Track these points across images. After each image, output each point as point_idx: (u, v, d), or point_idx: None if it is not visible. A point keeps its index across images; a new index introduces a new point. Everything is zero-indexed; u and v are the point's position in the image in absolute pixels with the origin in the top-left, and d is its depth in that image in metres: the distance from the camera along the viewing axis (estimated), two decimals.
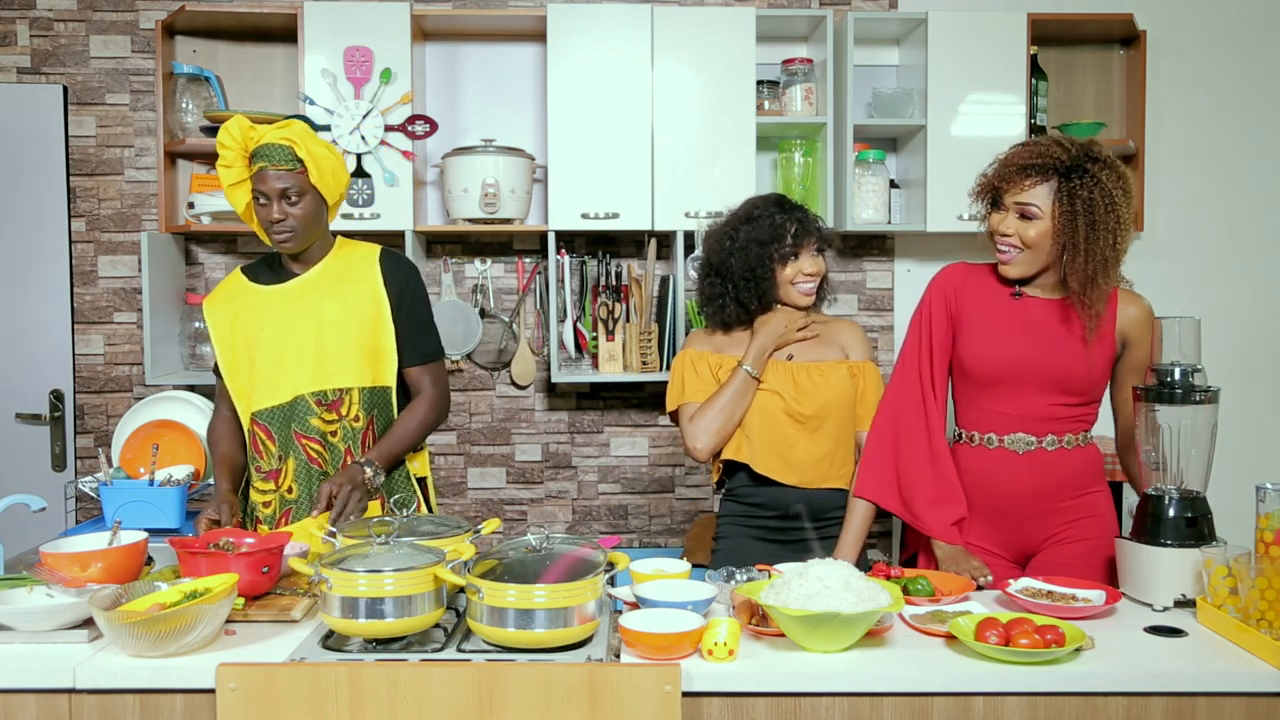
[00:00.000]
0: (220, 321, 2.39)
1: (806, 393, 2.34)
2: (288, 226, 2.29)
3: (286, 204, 2.28)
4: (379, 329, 2.37)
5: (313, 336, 2.33)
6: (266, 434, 2.35)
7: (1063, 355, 2.16)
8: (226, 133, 2.29)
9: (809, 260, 2.37)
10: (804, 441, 2.34)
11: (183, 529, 2.62)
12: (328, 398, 2.34)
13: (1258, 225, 3.71)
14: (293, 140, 2.26)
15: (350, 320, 2.34)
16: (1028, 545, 2.26)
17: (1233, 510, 2.39)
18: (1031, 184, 2.11)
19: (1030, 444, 2.19)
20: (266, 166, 2.26)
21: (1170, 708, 1.69)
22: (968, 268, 2.31)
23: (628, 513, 3.74)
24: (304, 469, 2.34)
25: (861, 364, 2.40)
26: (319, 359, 2.33)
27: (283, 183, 2.26)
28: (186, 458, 2.78)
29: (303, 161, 2.27)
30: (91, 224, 3.57)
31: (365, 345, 2.36)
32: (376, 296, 2.37)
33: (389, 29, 3.27)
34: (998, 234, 2.18)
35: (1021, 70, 3.36)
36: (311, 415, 2.33)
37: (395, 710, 1.59)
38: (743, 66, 3.32)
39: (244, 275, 2.44)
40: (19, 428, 3.57)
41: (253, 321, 2.36)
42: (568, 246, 3.55)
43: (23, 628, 1.78)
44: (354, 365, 2.35)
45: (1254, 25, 3.68)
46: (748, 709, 1.68)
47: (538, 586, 1.68)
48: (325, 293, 2.36)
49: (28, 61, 3.54)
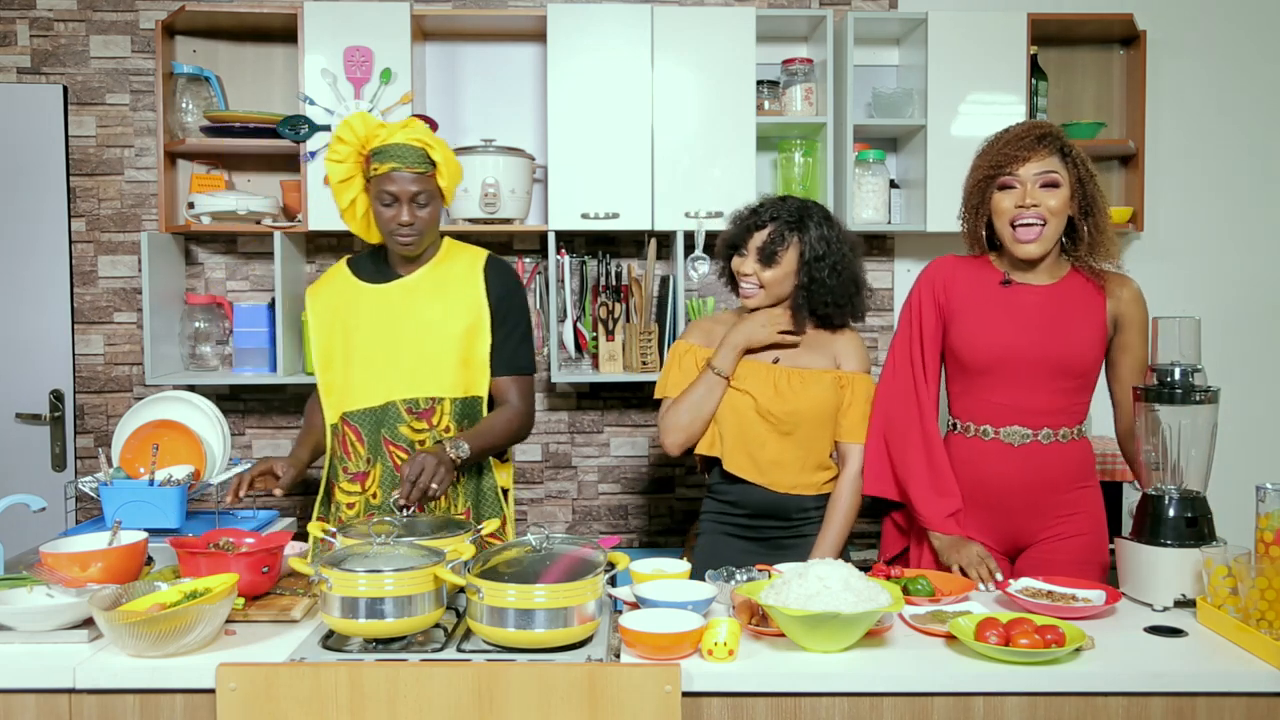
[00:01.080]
0: (320, 313, 2.36)
1: (783, 395, 2.32)
2: (415, 230, 2.25)
3: (416, 207, 2.24)
4: (477, 338, 2.32)
5: (410, 342, 2.29)
6: (356, 435, 2.32)
7: (1056, 338, 2.18)
8: (348, 127, 2.23)
9: (748, 261, 2.35)
10: (773, 443, 2.33)
11: (183, 529, 2.62)
12: (419, 406, 2.30)
13: (1258, 225, 3.71)
14: (426, 142, 2.22)
15: (450, 328, 2.30)
16: (1018, 538, 2.27)
17: (1233, 510, 2.40)
18: (1047, 152, 2.16)
19: (1025, 437, 2.20)
20: (399, 168, 2.21)
21: (1170, 708, 1.69)
22: (955, 260, 2.33)
23: (628, 513, 3.74)
24: (389, 476, 2.31)
25: (852, 375, 2.37)
26: (415, 365, 2.29)
27: (416, 186, 2.22)
28: (186, 458, 2.77)
29: (435, 164, 2.23)
30: (91, 224, 3.57)
31: (463, 354, 2.31)
32: (478, 304, 2.33)
33: (389, 29, 3.27)
34: (1020, 209, 2.16)
35: (1021, 70, 3.36)
36: (401, 423, 2.30)
37: (395, 710, 1.59)
38: (743, 66, 3.32)
39: (348, 268, 2.40)
40: (19, 428, 3.57)
41: (351, 319, 2.32)
42: (568, 246, 3.55)
43: (23, 628, 1.78)
44: (450, 375, 2.31)
45: (1254, 25, 3.68)
46: (748, 709, 1.68)
47: (538, 586, 1.68)
48: (428, 297, 2.32)
49: (28, 61, 3.54)
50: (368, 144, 2.23)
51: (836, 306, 2.35)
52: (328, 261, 3.61)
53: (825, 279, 2.31)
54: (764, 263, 2.32)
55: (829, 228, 2.34)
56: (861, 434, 2.35)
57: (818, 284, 2.31)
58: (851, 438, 2.36)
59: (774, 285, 2.34)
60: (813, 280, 2.31)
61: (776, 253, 2.31)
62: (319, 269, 3.62)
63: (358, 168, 2.27)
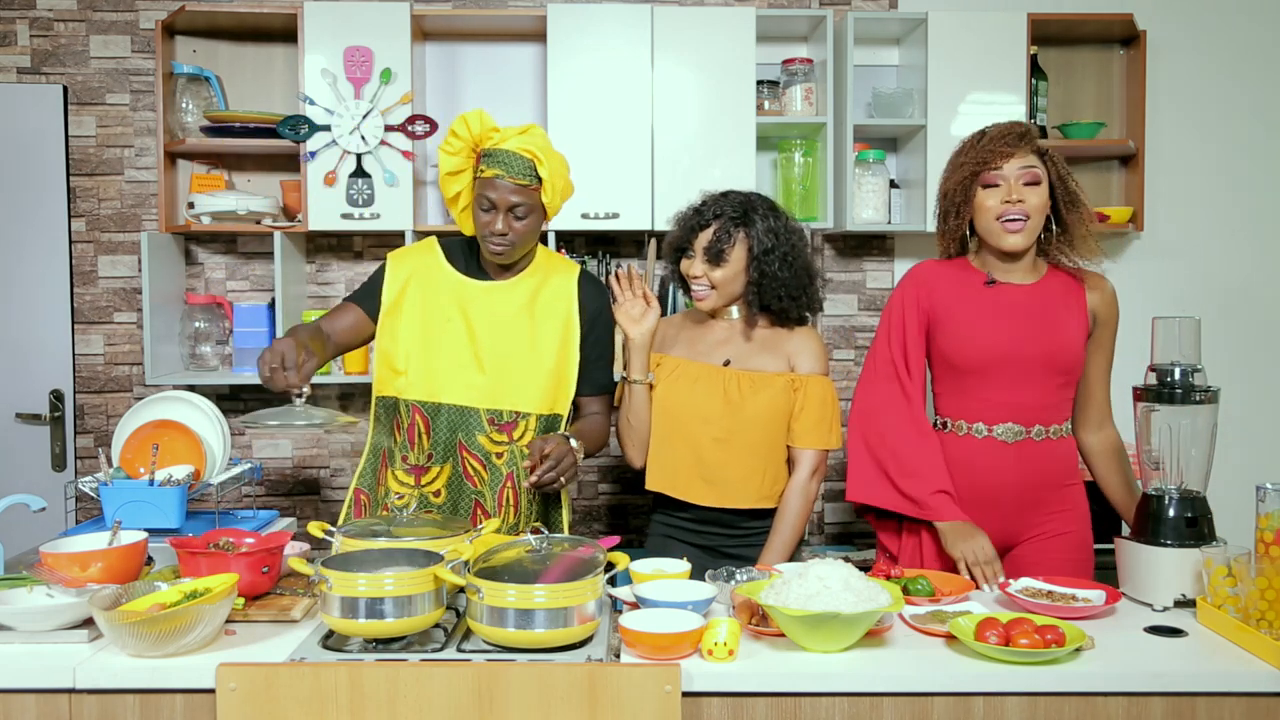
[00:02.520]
0: (404, 280, 2.26)
1: (731, 402, 2.28)
2: (508, 241, 2.17)
3: (513, 218, 2.16)
4: (568, 355, 2.28)
5: (502, 351, 2.23)
6: (426, 427, 2.24)
7: (1046, 334, 2.21)
8: (464, 123, 2.16)
9: (695, 262, 2.30)
10: (722, 456, 2.29)
11: (183, 529, 2.62)
12: (503, 418, 2.24)
13: (1258, 225, 3.71)
14: (535, 154, 2.13)
15: (543, 345, 2.25)
16: (1010, 536, 2.28)
17: (1233, 510, 2.40)
18: (1027, 149, 2.20)
19: (1019, 433, 2.22)
20: (503, 176, 2.13)
21: (1170, 708, 1.69)
22: (935, 264, 2.35)
23: (628, 513, 3.74)
24: (457, 481, 2.25)
25: (806, 377, 2.31)
26: (505, 376, 2.23)
27: (516, 197, 2.14)
28: (186, 458, 2.77)
29: (541, 179, 2.15)
30: (91, 224, 3.57)
31: (554, 372, 2.26)
32: (571, 321, 2.28)
33: (389, 29, 3.27)
34: (1006, 203, 2.18)
35: (1021, 70, 3.36)
36: (481, 432, 2.23)
37: (395, 710, 1.59)
38: (743, 66, 3.32)
39: (440, 250, 2.31)
40: (19, 428, 3.57)
41: (442, 309, 2.24)
42: (568, 246, 3.55)
43: (23, 628, 1.78)
44: (538, 391, 2.25)
45: (1254, 25, 3.68)
46: (748, 709, 1.68)
47: (538, 586, 1.68)
48: (524, 308, 2.25)
49: (28, 61, 3.54)
50: (481, 143, 2.17)
51: (791, 299, 2.29)
52: (328, 261, 3.62)
53: (777, 272, 2.26)
54: (712, 262, 2.27)
55: (775, 219, 2.29)
56: (814, 439, 2.31)
57: (769, 278, 2.26)
58: (803, 442, 2.32)
59: (725, 284, 2.29)
60: (763, 275, 2.26)
61: (724, 251, 2.25)
62: (319, 269, 3.62)
63: (468, 162, 2.21)
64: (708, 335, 2.39)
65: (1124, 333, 2.33)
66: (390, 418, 2.31)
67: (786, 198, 3.49)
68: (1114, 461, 2.32)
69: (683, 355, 2.38)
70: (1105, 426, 2.33)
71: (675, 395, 2.33)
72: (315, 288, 3.62)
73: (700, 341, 2.38)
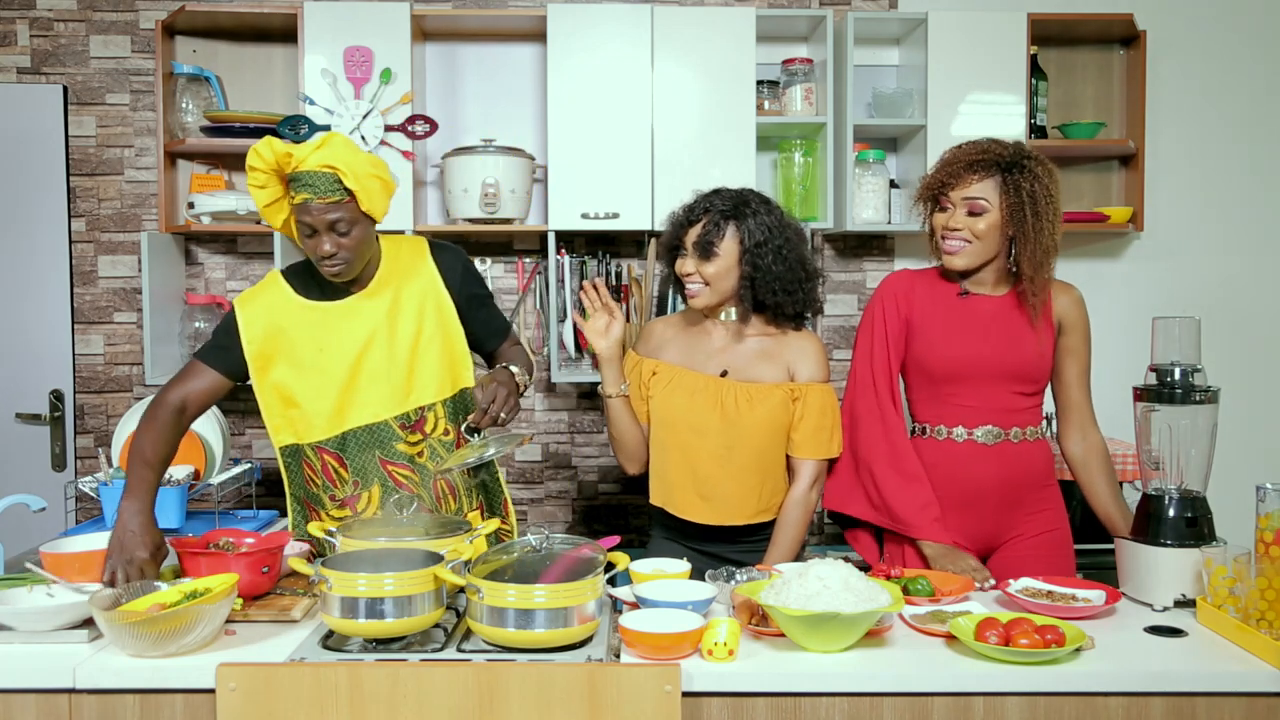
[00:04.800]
0: (256, 335, 2.16)
1: (728, 417, 2.25)
2: (340, 259, 2.08)
3: (337, 235, 2.06)
4: (451, 332, 2.23)
5: (386, 358, 2.17)
6: (338, 462, 2.21)
7: (1014, 345, 2.25)
8: (257, 155, 2.05)
9: (687, 260, 2.27)
10: (720, 472, 2.27)
11: (183, 529, 2.62)
12: (410, 419, 2.20)
13: (1257, 225, 3.71)
14: (337, 167, 2.02)
15: (424, 332, 2.20)
16: (992, 537, 2.31)
17: (1233, 510, 2.40)
18: (979, 179, 2.22)
19: (998, 435, 2.26)
20: (311, 199, 2.03)
21: (1170, 708, 1.69)
22: (912, 274, 2.39)
23: (628, 513, 3.74)
24: (392, 494, 2.19)
25: (806, 386, 2.27)
26: (398, 381, 2.18)
27: (332, 214, 2.04)
28: (186, 457, 2.77)
29: (351, 191, 2.05)
30: (91, 224, 3.57)
31: (443, 355, 2.22)
32: (440, 298, 2.22)
33: (389, 29, 3.27)
34: (946, 230, 2.25)
35: (1021, 70, 3.36)
36: (396, 440, 2.20)
37: (395, 710, 1.59)
38: (743, 66, 3.32)
39: (286, 284, 2.21)
40: (19, 428, 3.57)
41: (308, 345, 2.17)
42: (568, 246, 3.55)
43: (23, 628, 1.78)
44: (434, 379, 2.21)
45: (1254, 25, 3.68)
46: (748, 709, 1.68)
47: (538, 586, 1.68)
48: (389, 307, 2.19)
49: (28, 61, 3.54)
50: (282, 169, 2.07)
51: (786, 294, 2.24)
52: None
53: (770, 265, 2.21)
54: (702, 257, 2.22)
55: (768, 213, 2.24)
56: (813, 449, 2.29)
57: (762, 271, 2.21)
58: (802, 452, 2.29)
59: (718, 280, 2.23)
60: (756, 269, 2.21)
61: (713, 244, 2.21)
62: None
63: (281, 189, 2.11)
64: (705, 342, 2.34)
65: (1123, 333, 2.34)
66: (299, 465, 2.26)
67: (786, 198, 3.49)
68: (1099, 473, 2.30)
69: (678, 361, 2.33)
70: (1089, 433, 2.31)
71: (672, 407, 2.30)
72: None
73: (697, 348, 2.34)
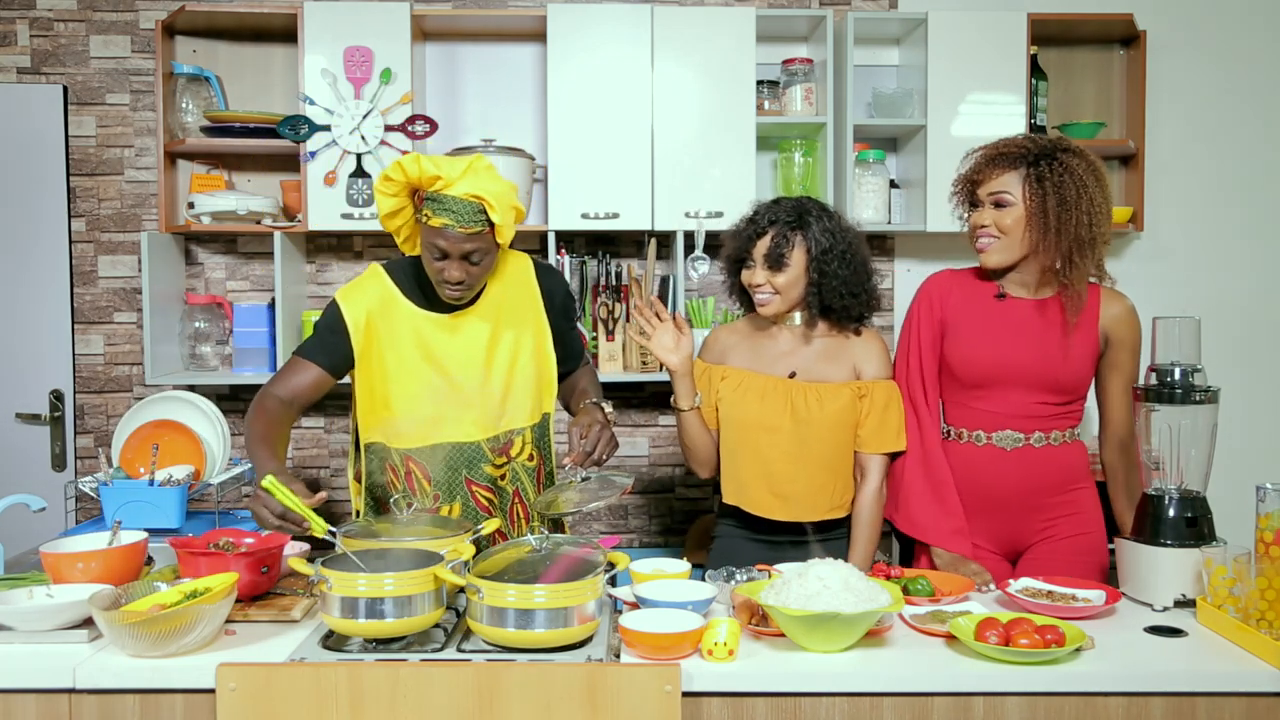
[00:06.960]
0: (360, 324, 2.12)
1: (798, 416, 2.29)
2: (465, 287, 2.06)
3: (469, 264, 2.03)
4: (545, 358, 2.24)
5: (484, 380, 2.16)
6: (423, 474, 2.18)
7: (1045, 354, 2.21)
8: (400, 168, 1.99)
9: (757, 271, 2.31)
10: (793, 471, 2.30)
11: (183, 529, 2.62)
12: (500, 442, 2.20)
13: (1257, 225, 3.71)
14: (484, 199, 1.98)
15: (520, 357, 2.20)
16: (1017, 541, 2.29)
17: (1233, 510, 2.40)
18: (1001, 173, 2.20)
19: (1018, 441, 2.23)
20: (452, 226, 1.98)
21: (1170, 708, 1.69)
22: (952, 274, 2.37)
23: (628, 513, 3.74)
24: (472, 515, 2.19)
25: (873, 383, 2.32)
26: (493, 403, 2.18)
27: (469, 245, 2.00)
28: (186, 458, 2.78)
29: (492, 223, 2.01)
30: (91, 224, 3.57)
31: (536, 380, 2.23)
32: (539, 323, 2.23)
33: (389, 29, 3.27)
34: (977, 228, 2.25)
35: (1021, 70, 3.36)
36: (485, 462, 2.19)
37: (395, 710, 1.59)
38: (743, 66, 3.32)
39: (391, 282, 2.16)
40: (19, 428, 3.57)
41: (411, 351, 2.14)
42: (568, 246, 3.54)
43: (23, 628, 1.78)
44: (526, 405, 2.22)
45: (1254, 25, 3.68)
46: (748, 709, 1.68)
47: (538, 586, 1.68)
48: (492, 329, 2.16)
49: (28, 61, 3.54)
50: (423, 186, 2.03)
51: (852, 297, 2.30)
52: (328, 261, 3.62)
53: (837, 270, 2.27)
54: (773, 268, 2.28)
55: (830, 220, 2.31)
56: (880, 443, 2.31)
57: (829, 277, 2.27)
58: (870, 448, 2.32)
59: (789, 289, 2.29)
60: (823, 275, 2.27)
61: (784, 255, 2.27)
62: (319, 269, 3.62)
63: (408, 200, 2.07)
64: (771, 346, 2.38)
65: None
66: (382, 466, 2.22)
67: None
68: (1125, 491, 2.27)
69: (746, 366, 2.37)
70: (1128, 449, 2.25)
71: (745, 409, 2.33)
72: (315, 288, 3.62)
73: (764, 352, 2.38)
